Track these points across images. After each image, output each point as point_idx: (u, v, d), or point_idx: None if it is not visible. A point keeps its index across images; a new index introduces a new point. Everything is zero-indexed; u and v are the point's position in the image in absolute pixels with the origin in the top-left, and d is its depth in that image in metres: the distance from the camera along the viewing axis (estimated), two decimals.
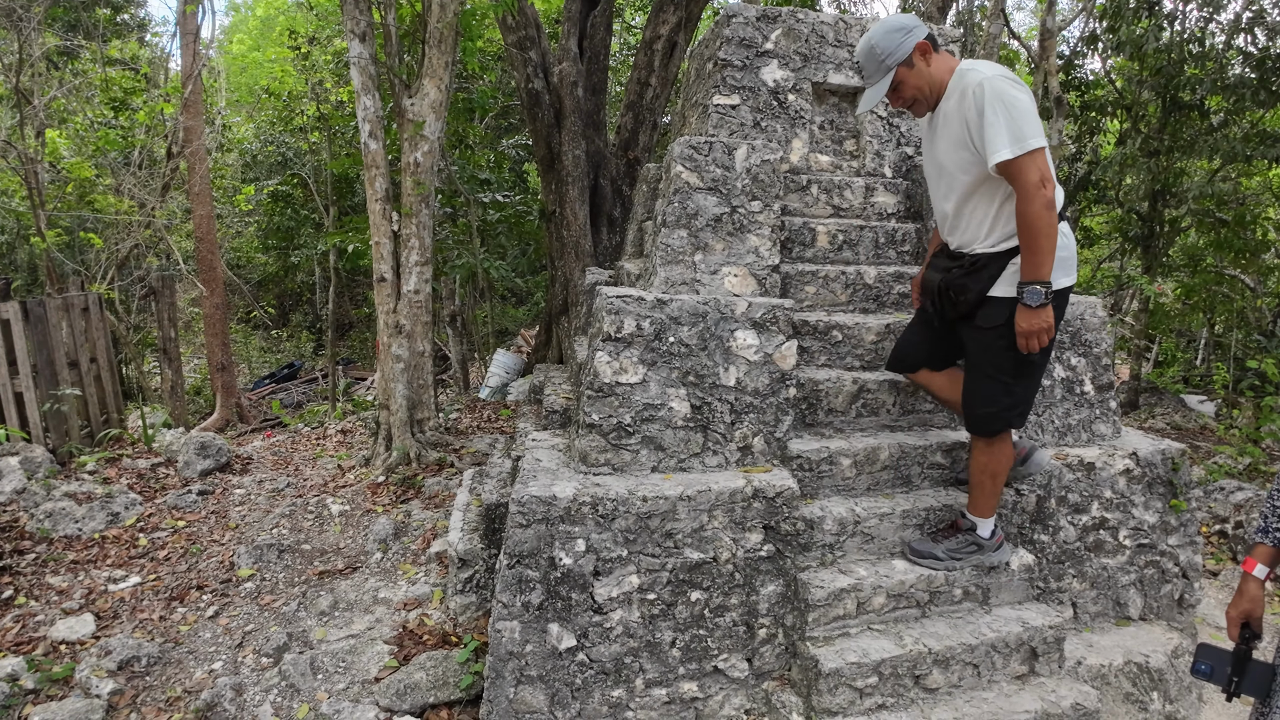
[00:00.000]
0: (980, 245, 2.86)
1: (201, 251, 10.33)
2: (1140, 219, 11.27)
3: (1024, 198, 2.60)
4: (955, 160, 2.81)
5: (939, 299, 3.02)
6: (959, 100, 2.72)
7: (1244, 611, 2.30)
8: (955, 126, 2.76)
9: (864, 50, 2.79)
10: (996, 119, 2.59)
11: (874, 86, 2.84)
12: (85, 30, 11.29)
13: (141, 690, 3.43)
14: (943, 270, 3.00)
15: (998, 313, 2.83)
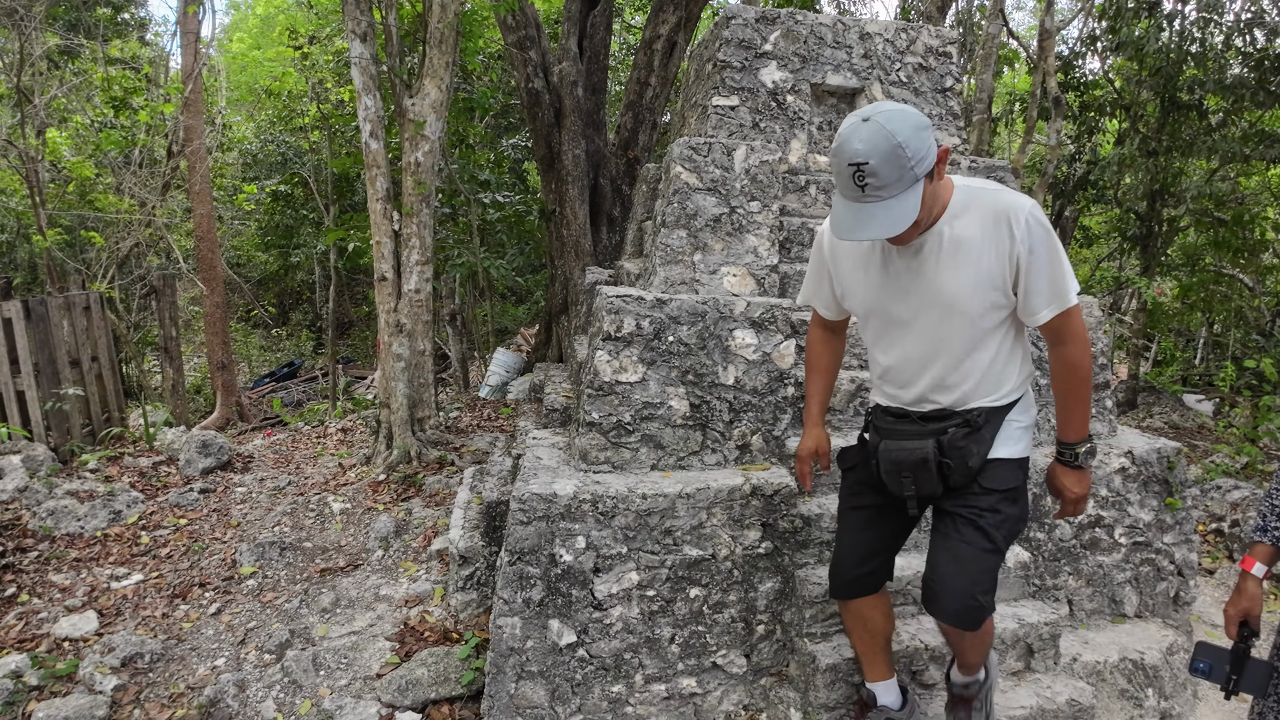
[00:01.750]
0: (984, 400, 2.28)
1: (202, 250, 10.35)
2: (1139, 218, 11.29)
3: (1080, 347, 2.21)
4: (976, 300, 2.14)
5: (919, 475, 2.26)
6: (985, 227, 2.10)
7: (1242, 610, 2.31)
8: (985, 260, 2.11)
9: (885, 152, 1.88)
10: (1058, 260, 2.11)
11: (900, 201, 1.94)
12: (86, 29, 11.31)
13: (145, 686, 3.45)
14: (919, 436, 2.28)
15: (1008, 474, 2.30)
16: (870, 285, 2.29)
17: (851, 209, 1.99)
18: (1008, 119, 13.00)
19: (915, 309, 2.23)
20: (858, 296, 2.35)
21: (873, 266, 2.27)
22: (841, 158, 1.94)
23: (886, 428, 2.37)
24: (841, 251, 2.33)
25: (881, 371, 2.40)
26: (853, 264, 2.33)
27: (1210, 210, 10.45)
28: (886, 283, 2.26)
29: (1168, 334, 13.54)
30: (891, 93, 4.22)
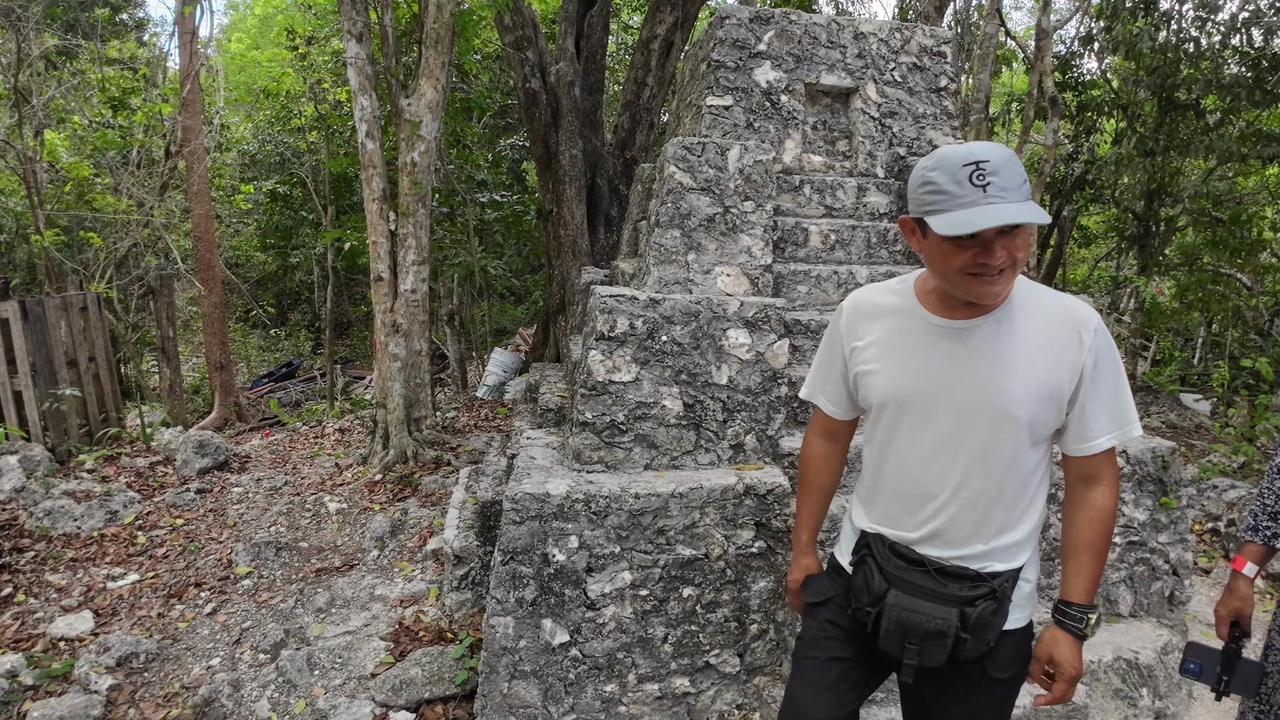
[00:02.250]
0: (1007, 560, 1.83)
1: (200, 250, 10.36)
2: (1137, 218, 11.30)
3: (1115, 492, 1.86)
4: (1033, 409, 1.75)
5: (928, 647, 1.77)
6: (1051, 328, 1.76)
7: (1233, 610, 2.30)
8: (1047, 364, 1.75)
9: (1006, 155, 1.60)
10: (1123, 382, 1.82)
11: (1030, 206, 1.60)
12: (84, 30, 11.31)
13: (140, 686, 3.46)
14: (941, 600, 1.77)
15: (1017, 653, 1.88)
16: (906, 364, 1.81)
17: (978, 209, 1.57)
18: (1005, 119, 13.02)
19: (959, 407, 1.76)
20: (885, 377, 1.84)
21: (914, 343, 1.81)
22: (951, 161, 1.60)
23: (896, 574, 1.81)
24: (877, 321, 1.87)
25: (887, 485, 1.88)
26: (889, 336, 1.85)
27: (1208, 210, 10.46)
28: (929, 365, 1.79)
29: (1166, 333, 13.55)
30: (886, 92, 4.22)
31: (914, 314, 1.83)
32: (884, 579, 1.82)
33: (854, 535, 2.00)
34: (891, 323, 1.87)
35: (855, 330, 1.93)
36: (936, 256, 1.70)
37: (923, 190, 1.66)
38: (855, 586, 1.90)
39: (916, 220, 1.72)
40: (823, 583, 2.08)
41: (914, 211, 1.71)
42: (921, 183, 1.66)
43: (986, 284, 1.66)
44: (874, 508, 1.93)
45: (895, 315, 1.87)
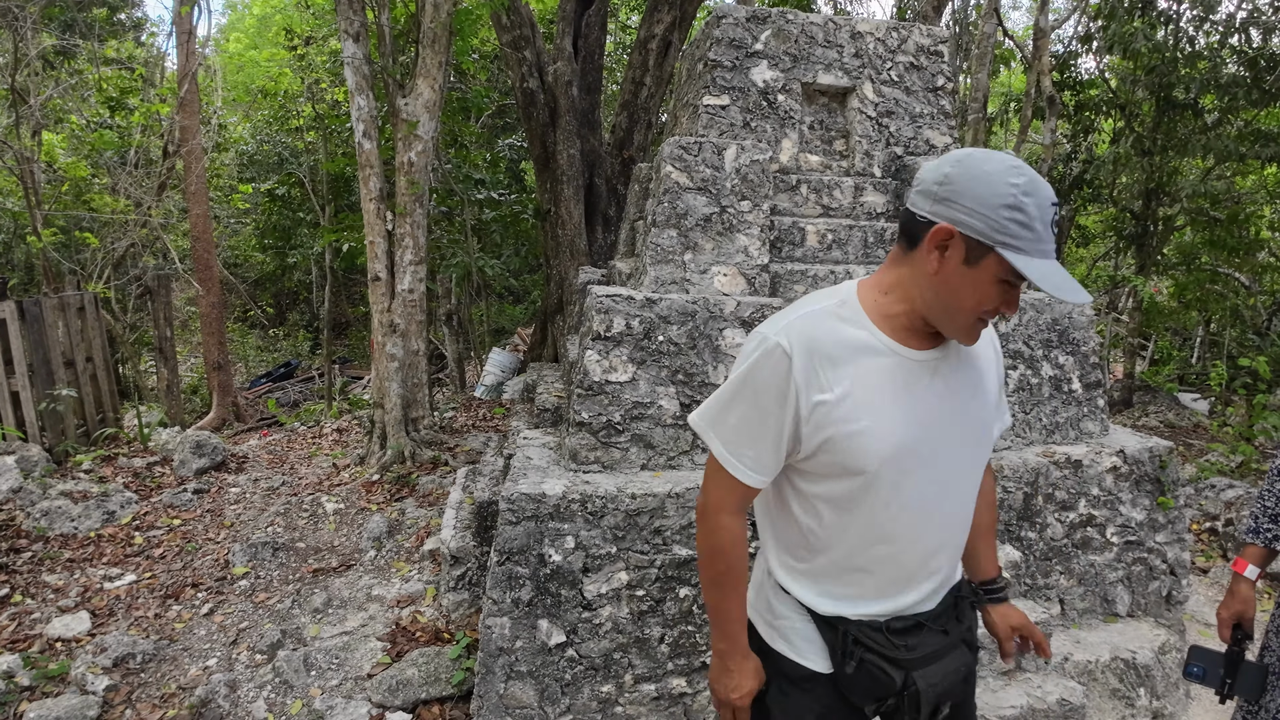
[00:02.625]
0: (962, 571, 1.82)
1: (198, 251, 10.36)
2: (1134, 218, 11.30)
3: (992, 473, 1.91)
4: (995, 429, 1.74)
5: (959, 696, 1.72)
6: (983, 342, 1.70)
7: (1235, 613, 2.30)
8: (990, 378, 1.71)
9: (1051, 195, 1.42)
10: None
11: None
12: (81, 30, 11.30)
13: (136, 687, 3.45)
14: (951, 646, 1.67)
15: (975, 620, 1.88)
16: (903, 416, 1.54)
17: (1054, 263, 1.41)
18: (1003, 118, 13.02)
19: (952, 449, 1.61)
20: (882, 436, 1.52)
21: (901, 388, 1.55)
22: (1045, 196, 1.38)
23: (910, 656, 1.61)
24: (846, 365, 1.51)
25: (879, 559, 1.61)
26: (870, 383, 1.52)
27: (1206, 209, 10.46)
28: (924, 412, 1.57)
29: (1164, 333, 13.56)
30: (883, 92, 4.22)
31: (887, 350, 1.54)
32: (899, 668, 1.60)
33: (813, 628, 1.65)
34: (867, 365, 1.52)
35: (816, 379, 1.49)
36: (971, 293, 1.44)
37: (1010, 217, 1.36)
38: (863, 689, 1.61)
39: (974, 242, 1.40)
40: (798, 703, 1.68)
41: (980, 233, 1.38)
42: (1010, 206, 1.36)
43: (983, 329, 1.54)
44: (847, 588, 1.63)
45: (866, 354, 1.52)
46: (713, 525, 1.63)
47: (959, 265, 1.42)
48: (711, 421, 1.61)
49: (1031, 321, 3.80)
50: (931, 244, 1.44)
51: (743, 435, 1.56)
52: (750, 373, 1.53)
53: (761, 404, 1.52)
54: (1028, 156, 13.06)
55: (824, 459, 1.53)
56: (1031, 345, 3.79)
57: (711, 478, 1.63)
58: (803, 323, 1.52)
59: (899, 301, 1.53)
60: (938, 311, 1.49)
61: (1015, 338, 3.77)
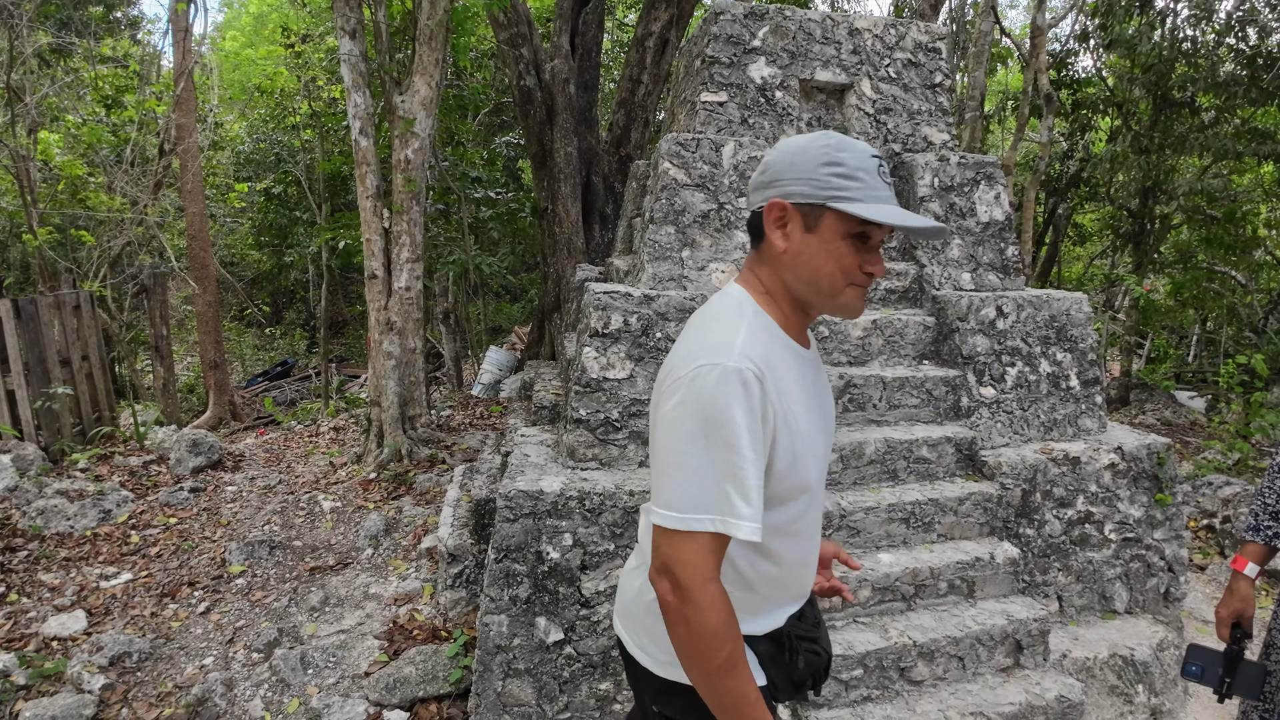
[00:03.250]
0: None
1: (194, 249, 10.33)
2: (1131, 216, 11.31)
3: None
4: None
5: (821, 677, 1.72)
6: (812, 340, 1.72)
7: (1234, 611, 2.29)
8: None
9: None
10: None
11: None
12: (77, 28, 11.26)
13: (133, 686, 3.44)
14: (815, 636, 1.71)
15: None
16: (818, 417, 1.53)
17: (896, 208, 1.41)
18: (1000, 116, 13.02)
19: (829, 441, 1.62)
20: (817, 441, 1.50)
21: (809, 387, 1.52)
22: (858, 149, 1.40)
23: (818, 635, 1.71)
24: (786, 376, 1.44)
25: (802, 564, 1.61)
26: (799, 389, 1.48)
27: (1202, 207, 10.48)
28: (820, 407, 1.56)
29: (1160, 331, 13.58)
30: (881, 88, 4.21)
31: (795, 352, 1.50)
32: (820, 644, 1.69)
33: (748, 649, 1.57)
34: (793, 372, 1.47)
35: (779, 400, 1.41)
36: (825, 257, 1.41)
37: (829, 171, 1.37)
38: (800, 678, 1.63)
39: (806, 207, 1.40)
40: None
41: (807, 195, 1.38)
42: (828, 162, 1.37)
43: (863, 297, 1.48)
44: (777, 600, 1.61)
45: (789, 360, 1.47)
46: (705, 603, 1.33)
47: (802, 235, 1.42)
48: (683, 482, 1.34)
49: (1030, 318, 3.80)
50: (771, 224, 1.43)
51: (728, 481, 1.33)
52: (727, 409, 1.32)
53: (745, 440, 1.33)
54: (1024, 155, 13.08)
55: (786, 484, 1.44)
56: (1029, 342, 3.79)
57: (684, 549, 1.33)
58: (754, 341, 1.40)
59: (783, 300, 1.50)
60: (810, 290, 1.45)
61: (1013, 334, 3.76)
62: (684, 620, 1.33)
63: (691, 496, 1.33)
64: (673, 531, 1.34)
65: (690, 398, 1.34)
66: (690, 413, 1.33)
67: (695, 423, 1.33)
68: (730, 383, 1.32)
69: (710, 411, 1.32)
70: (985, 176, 4.06)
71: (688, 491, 1.33)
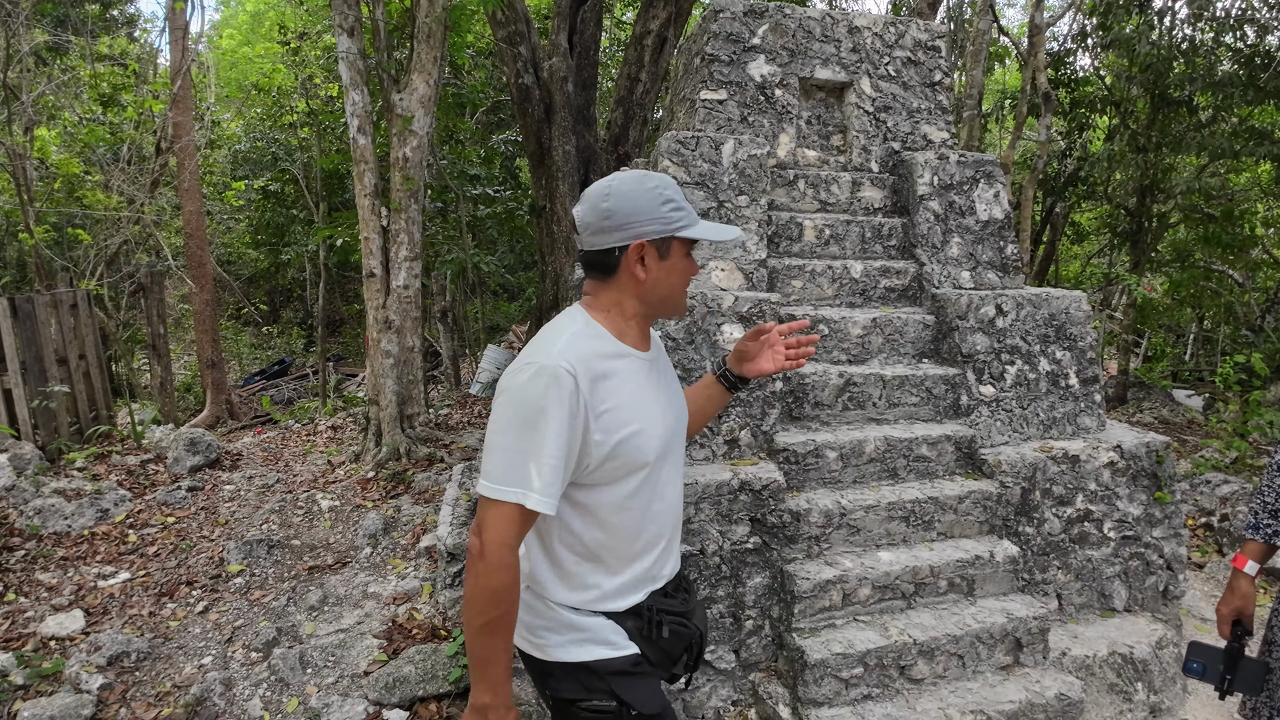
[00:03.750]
0: None
1: (191, 248, 10.31)
2: (1129, 215, 11.33)
3: None
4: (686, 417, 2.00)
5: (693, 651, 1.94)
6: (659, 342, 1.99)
7: (1235, 608, 2.29)
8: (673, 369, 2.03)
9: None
10: None
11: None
12: (74, 26, 11.23)
13: (131, 685, 3.43)
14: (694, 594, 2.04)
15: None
16: (656, 409, 1.78)
17: (706, 222, 1.79)
18: (998, 115, 13.02)
19: (679, 431, 1.89)
20: (651, 431, 1.73)
21: (646, 384, 1.78)
22: (674, 184, 1.75)
23: (687, 609, 1.91)
24: (611, 376, 1.69)
25: (647, 542, 1.81)
26: (629, 386, 1.72)
27: (1200, 206, 10.49)
28: (663, 401, 1.83)
29: (1157, 330, 13.60)
30: (880, 86, 4.21)
31: (630, 355, 1.76)
32: (689, 619, 1.89)
33: (613, 623, 1.78)
34: (624, 372, 1.72)
35: (597, 393, 1.64)
36: (676, 276, 1.76)
37: (668, 208, 1.70)
38: (670, 652, 1.85)
39: (659, 241, 1.71)
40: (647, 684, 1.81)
41: (660, 232, 1.69)
42: (665, 200, 1.69)
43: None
44: (629, 574, 1.79)
45: (620, 362, 1.73)
46: (495, 564, 1.56)
47: (658, 264, 1.73)
48: (497, 458, 1.59)
49: (1029, 317, 3.80)
50: (634, 261, 1.71)
51: (531, 461, 1.57)
52: (539, 400, 1.57)
53: (552, 427, 1.56)
54: (1022, 154, 13.09)
55: (611, 465, 1.68)
56: (1029, 340, 3.79)
57: (491, 514, 1.57)
58: (571, 346, 1.65)
59: (620, 315, 1.78)
60: (663, 306, 1.79)
61: (1013, 333, 3.76)
62: (475, 573, 1.57)
63: (501, 471, 1.57)
64: (486, 499, 1.59)
65: (514, 391, 1.61)
66: (510, 402, 1.60)
67: (512, 411, 1.59)
68: (544, 378, 1.58)
69: (525, 401, 1.58)
70: (985, 175, 4.06)
71: (499, 467, 1.58)
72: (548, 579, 1.77)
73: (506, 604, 1.59)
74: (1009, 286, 4.03)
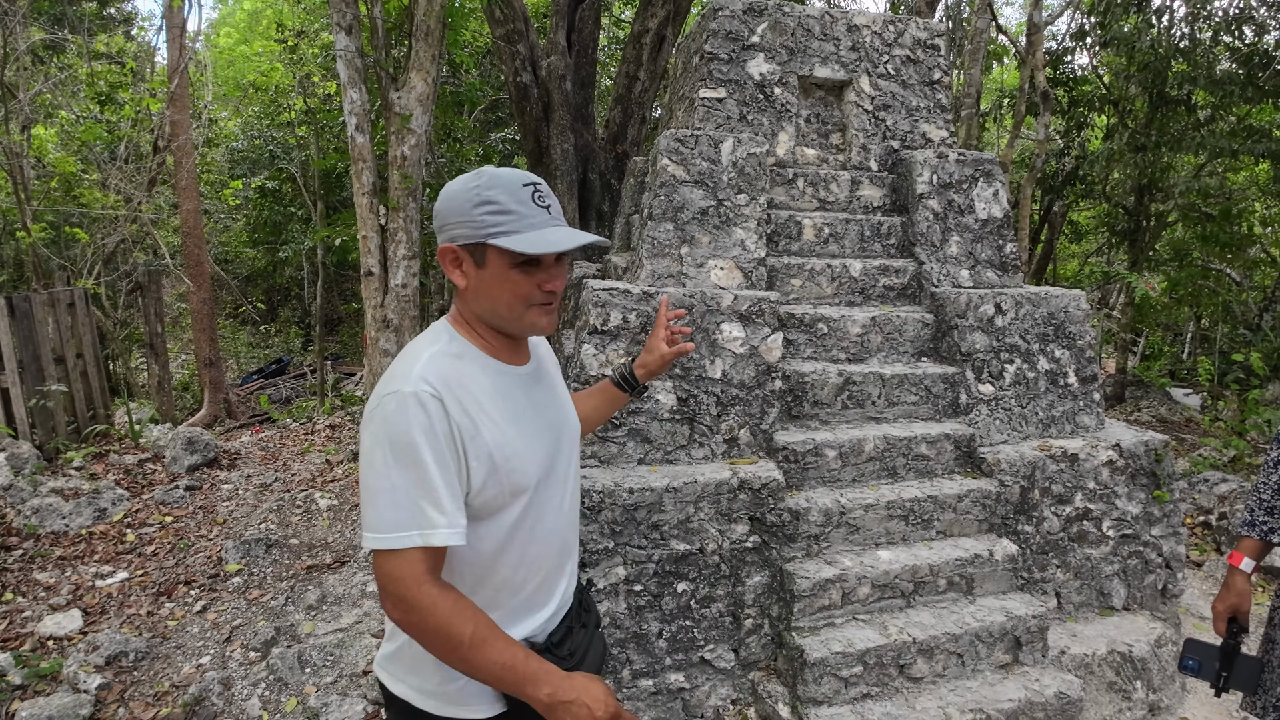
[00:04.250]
0: None
1: (188, 246, 10.30)
2: (1127, 213, 11.34)
3: None
4: (579, 433, 1.86)
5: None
6: (542, 346, 1.84)
7: (1231, 606, 2.29)
8: (564, 386, 1.86)
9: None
10: None
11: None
12: (71, 24, 11.20)
13: (129, 685, 3.43)
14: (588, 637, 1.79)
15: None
16: (534, 427, 1.62)
17: (552, 230, 1.51)
18: (996, 114, 13.02)
19: (565, 450, 1.71)
20: (530, 452, 1.58)
21: (523, 402, 1.62)
22: (509, 180, 1.50)
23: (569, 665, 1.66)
24: (480, 396, 1.53)
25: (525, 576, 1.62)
26: (502, 404, 1.57)
27: (1198, 205, 10.49)
28: (545, 418, 1.66)
29: (1155, 328, 13.61)
30: (879, 85, 4.21)
31: (502, 371, 1.60)
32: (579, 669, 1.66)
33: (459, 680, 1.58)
34: (496, 390, 1.57)
35: (468, 414, 1.49)
36: (500, 288, 1.52)
37: (483, 211, 1.47)
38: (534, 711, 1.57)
39: (471, 247, 1.51)
40: None
41: (469, 237, 1.49)
42: (480, 202, 1.47)
43: (549, 314, 1.58)
44: (510, 604, 1.61)
45: (491, 379, 1.57)
46: (422, 605, 1.41)
47: (476, 271, 1.53)
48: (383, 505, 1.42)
49: (1028, 315, 3.80)
50: (448, 266, 1.55)
51: (421, 497, 1.41)
52: (408, 431, 1.41)
53: (429, 455, 1.42)
54: (1020, 152, 13.09)
55: (489, 494, 1.51)
56: (1028, 339, 3.79)
57: (393, 567, 1.41)
58: (431, 367, 1.48)
59: (479, 326, 1.60)
60: (494, 318, 1.57)
61: (1011, 332, 3.76)
62: (415, 628, 1.42)
63: (390, 517, 1.41)
64: (383, 552, 1.41)
65: (377, 428, 1.44)
66: (378, 441, 1.43)
67: (384, 449, 1.42)
68: (408, 407, 1.42)
69: (394, 436, 1.41)
70: (984, 174, 4.06)
71: (386, 514, 1.41)
72: None
73: (469, 620, 1.43)
74: (1008, 285, 4.03)
